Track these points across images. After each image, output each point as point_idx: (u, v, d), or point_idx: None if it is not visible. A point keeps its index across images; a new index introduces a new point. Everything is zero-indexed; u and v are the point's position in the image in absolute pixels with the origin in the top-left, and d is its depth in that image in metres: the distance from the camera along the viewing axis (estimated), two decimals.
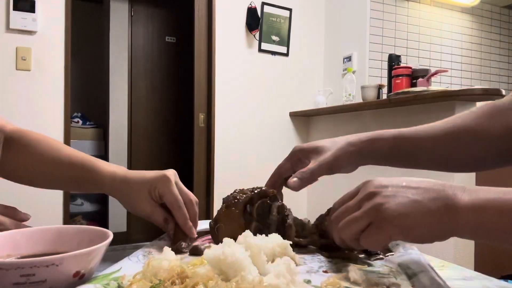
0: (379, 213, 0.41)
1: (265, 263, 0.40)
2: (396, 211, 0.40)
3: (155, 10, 3.64)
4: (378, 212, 0.41)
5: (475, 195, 0.39)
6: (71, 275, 0.36)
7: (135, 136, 3.54)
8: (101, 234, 0.43)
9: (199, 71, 2.70)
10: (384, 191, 0.42)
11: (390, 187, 0.42)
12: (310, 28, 2.98)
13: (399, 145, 0.59)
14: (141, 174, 0.56)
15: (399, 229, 0.40)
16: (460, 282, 0.44)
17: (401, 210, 0.40)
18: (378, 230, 0.41)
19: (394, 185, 0.42)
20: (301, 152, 0.60)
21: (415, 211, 0.40)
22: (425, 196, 0.41)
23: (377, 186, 0.43)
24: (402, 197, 0.41)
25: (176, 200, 0.54)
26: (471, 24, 3.12)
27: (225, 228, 0.52)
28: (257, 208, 0.53)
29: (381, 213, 0.41)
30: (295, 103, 2.89)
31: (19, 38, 2.12)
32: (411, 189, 0.41)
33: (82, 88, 3.78)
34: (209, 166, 2.69)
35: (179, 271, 0.35)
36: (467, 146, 0.58)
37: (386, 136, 0.59)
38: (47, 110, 2.19)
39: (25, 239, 0.42)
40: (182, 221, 0.54)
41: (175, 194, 0.55)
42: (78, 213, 3.39)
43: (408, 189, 0.42)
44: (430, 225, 0.40)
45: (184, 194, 0.56)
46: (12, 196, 2.08)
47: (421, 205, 0.40)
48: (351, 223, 0.43)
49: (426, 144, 0.59)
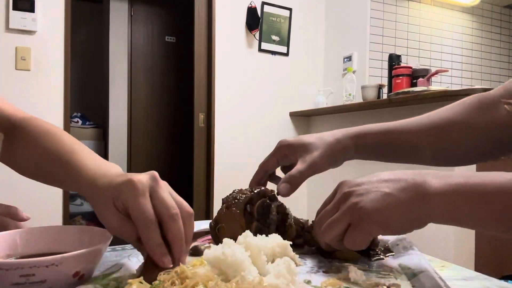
0: (355, 212, 0.42)
1: (265, 263, 0.40)
2: (371, 208, 0.41)
3: (155, 10, 3.64)
4: (354, 211, 0.42)
5: (445, 181, 0.40)
6: (71, 275, 0.36)
7: (135, 136, 3.54)
8: (101, 234, 0.43)
9: (199, 71, 2.70)
10: (358, 189, 0.43)
11: (363, 184, 0.43)
12: (310, 28, 2.98)
13: (386, 140, 0.59)
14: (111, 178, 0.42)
15: (377, 225, 0.41)
16: (460, 282, 0.44)
17: (375, 206, 0.41)
18: (358, 230, 0.42)
19: (366, 182, 0.43)
20: (288, 149, 0.58)
21: (388, 205, 0.41)
22: (396, 187, 0.41)
23: (351, 185, 0.44)
24: (374, 193, 0.42)
25: (141, 216, 0.38)
26: (471, 24, 3.12)
27: (226, 229, 0.52)
28: (257, 207, 0.53)
29: (357, 213, 0.41)
30: (295, 103, 2.89)
31: (19, 38, 2.12)
32: (383, 183, 0.42)
33: (82, 88, 3.78)
34: (209, 166, 2.69)
35: (179, 271, 0.35)
36: (455, 140, 0.58)
37: (374, 131, 0.59)
38: (46, 110, 2.19)
39: (25, 239, 0.42)
40: (149, 247, 0.38)
41: (141, 208, 0.38)
42: (78, 213, 3.39)
43: (380, 183, 0.42)
44: (405, 215, 0.41)
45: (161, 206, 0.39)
46: (12, 196, 2.08)
47: (393, 197, 0.41)
48: (332, 226, 0.44)
49: (413, 138, 0.59)
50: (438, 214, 0.40)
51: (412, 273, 0.43)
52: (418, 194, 0.40)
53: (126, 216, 0.39)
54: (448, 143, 0.58)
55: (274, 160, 0.60)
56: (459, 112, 0.58)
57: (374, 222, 0.41)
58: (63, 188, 0.55)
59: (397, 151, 0.60)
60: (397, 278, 0.43)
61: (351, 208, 0.42)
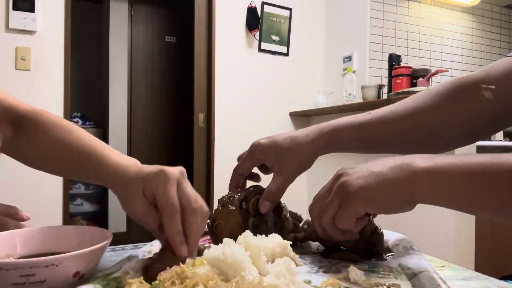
0: (344, 190, 0.43)
1: (265, 263, 0.40)
2: (357, 184, 0.42)
3: (155, 10, 3.64)
4: (343, 189, 0.43)
5: (431, 160, 0.41)
6: (70, 275, 0.36)
7: (135, 136, 3.54)
8: (101, 234, 0.43)
9: (199, 71, 2.70)
10: (348, 170, 0.45)
11: (355, 167, 0.44)
12: (310, 28, 2.98)
13: (362, 134, 0.58)
14: (140, 168, 0.46)
15: (363, 201, 0.42)
16: (460, 282, 0.44)
17: (361, 183, 0.42)
18: (346, 208, 0.43)
19: (359, 166, 0.44)
20: (261, 154, 0.58)
21: (374, 182, 0.42)
22: (384, 166, 0.42)
23: (344, 168, 0.46)
24: (362, 171, 0.43)
25: (167, 204, 0.41)
26: (471, 24, 3.12)
27: (223, 226, 0.52)
28: (252, 204, 0.53)
29: (345, 190, 0.43)
30: (295, 103, 2.89)
31: (19, 38, 2.12)
32: (373, 164, 0.44)
33: (82, 88, 3.78)
34: (209, 166, 2.69)
35: (179, 271, 0.35)
36: (431, 129, 0.57)
37: (349, 125, 0.58)
38: (46, 109, 2.19)
39: (25, 239, 0.42)
40: (171, 234, 0.40)
41: (170, 196, 0.41)
42: (78, 213, 3.39)
43: (370, 165, 0.44)
44: (391, 193, 0.41)
45: (186, 199, 0.43)
46: (12, 196, 2.08)
47: (380, 175, 0.42)
48: (325, 209, 0.45)
49: (391, 131, 0.58)
50: (424, 191, 0.40)
51: (412, 273, 0.43)
52: (404, 172, 0.41)
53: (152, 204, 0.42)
54: (425, 133, 0.58)
55: (248, 164, 0.59)
56: (434, 100, 0.57)
57: (360, 198, 0.42)
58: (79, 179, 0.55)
59: (373, 143, 0.59)
60: (397, 278, 0.43)
61: (340, 187, 0.43)
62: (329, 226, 0.45)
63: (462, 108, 0.56)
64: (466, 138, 0.60)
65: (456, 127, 0.57)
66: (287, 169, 0.56)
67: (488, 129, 0.58)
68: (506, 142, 2.24)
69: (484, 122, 0.56)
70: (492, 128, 0.59)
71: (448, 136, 0.58)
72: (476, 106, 0.55)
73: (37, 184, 2.16)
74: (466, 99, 0.56)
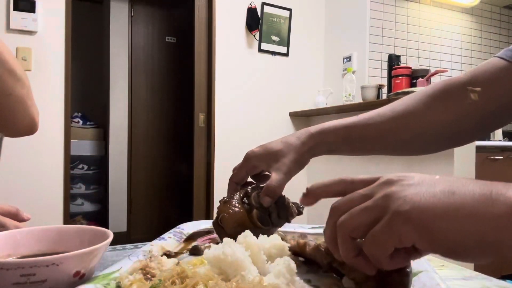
0: (389, 203, 0.30)
1: (265, 263, 0.40)
2: (411, 201, 0.29)
3: (155, 10, 3.64)
4: (388, 201, 0.30)
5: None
6: (71, 275, 0.36)
7: (135, 136, 3.54)
8: (101, 234, 0.43)
9: (199, 71, 2.70)
10: (407, 179, 0.31)
11: (415, 176, 0.32)
12: (310, 28, 2.98)
13: (347, 135, 0.59)
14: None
15: (413, 227, 0.28)
16: (460, 282, 0.44)
17: (418, 201, 0.29)
18: (384, 228, 0.29)
19: (421, 175, 0.32)
20: (256, 160, 0.58)
21: (440, 205, 0.28)
22: (460, 187, 0.29)
23: (400, 175, 0.32)
24: (423, 185, 0.30)
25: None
26: (470, 24, 3.12)
27: (228, 218, 0.52)
28: (254, 197, 0.54)
29: (391, 204, 0.30)
30: (295, 103, 2.89)
31: (20, 38, 2.12)
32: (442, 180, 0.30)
33: (82, 88, 3.78)
34: (209, 166, 2.69)
35: (179, 271, 0.35)
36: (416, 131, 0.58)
37: (336, 127, 0.59)
38: (47, 110, 2.19)
39: (25, 239, 0.42)
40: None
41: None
42: (78, 213, 3.39)
43: (438, 180, 0.30)
44: (463, 230, 0.27)
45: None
46: (13, 196, 2.09)
47: (451, 197, 0.28)
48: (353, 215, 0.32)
49: (376, 133, 0.59)
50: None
51: (412, 272, 0.43)
52: (496, 205, 0.27)
53: None
54: (410, 135, 0.58)
55: (243, 172, 0.59)
56: (422, 101, 0.57)
57: (410, 222, 0.28)
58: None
59: (358, 144, 0.60)
60: None
61: (386, 198, 0.30)
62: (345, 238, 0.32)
63: (448, 110, 0.55)
64: (451, 141, 0.60)
65: (441, 129, 0.57)
66: (283, 166, 0.56)
67: (474, 131, 0.58)
68: (505, 142, 2.25)
69: (469, 125, 0.56)
70: (478, 130, 0.58)
71: (433, 138, 0.58)
72: (462, 108, 0.54)
73: (37, 184, 2.16)
74: (453, 101, 0.55)
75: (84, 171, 3.49)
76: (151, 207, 3.55)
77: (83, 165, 3.48)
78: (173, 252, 0.49)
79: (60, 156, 2.24)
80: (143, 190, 3.53)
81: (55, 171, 2.22)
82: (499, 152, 2.08)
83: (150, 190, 3.56)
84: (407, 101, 0.59)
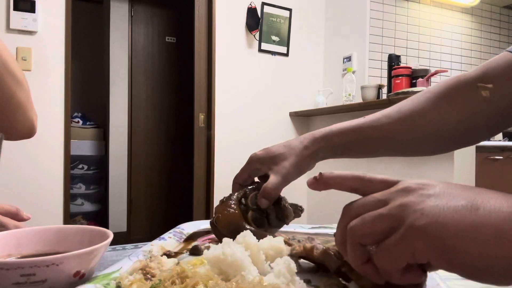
0: (405, 214, 0.27)
1: (264, 263, 0.40)
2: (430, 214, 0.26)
3: (155, 10, 3.64)
4: (404, 213, 0.27)
5: None
6: (71, 274, 0.36)
7: (135, 136, 3.54)
8: (101, 234, 0.43)
9: (199, 71, 2.70)
10: (427, 188, 0.28)
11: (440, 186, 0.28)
12: (310, 28, 2.98)
13: (353, 137, 0.58)
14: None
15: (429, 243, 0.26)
16: (460, 282, 0.44)
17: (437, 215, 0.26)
18: (398, 241, 0.27)
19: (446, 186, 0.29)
20: (258, 163, 0.58)
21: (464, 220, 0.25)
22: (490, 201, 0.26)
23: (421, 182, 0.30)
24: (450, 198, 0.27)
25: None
26: (470, 24, 3.12)
27: (222, 218, 0.52)
28: (251, 198, 0.54)
29: (407, 215, 0.27)
30: (295, 103, 2.89)
31: (20, 38, 2.12)
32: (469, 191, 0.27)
33: (82, 88, 3.78)
34: (209, 166, 2.69)
35: (179, 271, 0.35)
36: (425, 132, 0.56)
37: (341, 130, 0.58)
38: (47, 110, 2.20)
39: (25, 239, 0.42)
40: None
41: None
42: (78, 213, 3.39)
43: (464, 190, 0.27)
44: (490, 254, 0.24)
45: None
46: (13, 196, 2.09)
47: (478, 212, 0.25)
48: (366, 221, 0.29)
49: (383, 134, 0.57)
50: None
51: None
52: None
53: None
54: (418, 135, 0.56)
55: (246, 174, 0.60)
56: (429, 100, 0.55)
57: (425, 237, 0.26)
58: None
59: (365, 146, 0.58)
60: None
61: (401, 208, 0.28)
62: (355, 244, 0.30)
63: (458, 108, 0.53)
64: (462, 141, 0.58)
65: (450, 128, 0.55)
66: (281, 169, 0.56)
67: (486, 130, 0.56)
68: (505, 142, 2.25)
69: (481, 123, 0.54)
70: (490, 129, 0.56)
71: (442, 139, 0.57)
72: (472, 106, 0.52)
73: (37, 184, 2.16)
74: (462, 99, 0.53)
75: (84, 171, 3.49)
76: (151, 207, 3.56)
77: (83, 165, 3.48)
78: (173, 252, 0.49)
79: (60, 156, 2.24)
80: (143, 190, 3.53)
81: (55, 171, 2.22)
82: (499, 152, 2.08)
83: (150, 190, 3.56)
84: (414, 100, 0.57)
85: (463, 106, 0.53)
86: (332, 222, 0.72)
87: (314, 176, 0.37)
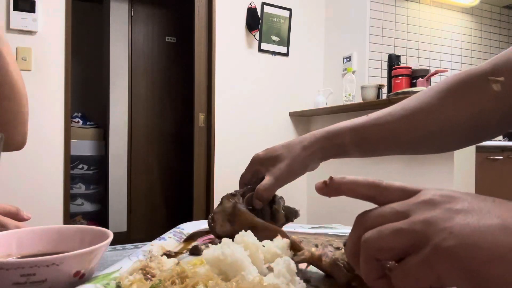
0: (432, 233, 0.24)
1: (262, 263, 0.40)
2: (460, 234, 0.23)
3: (155, 10, 3.64)
4: (431, 231, 0.24)
5: None
6: (71, 274, 0.36)
7: (135, 136, 3.55)
8: (101, 234, 0.43)
9: (199, 71, 2.70)
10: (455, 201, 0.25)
11: (469, 200, 0.25)
12: (310, 28, 2.98)
13: (358, 138, 0.56)
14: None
15: (459, 268, 0.23)
16: None
17: (470, 236, 0.23)
18: (422, 264, 0.24)
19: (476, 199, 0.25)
20: (259, 163, 0.58)
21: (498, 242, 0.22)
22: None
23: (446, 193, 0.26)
24: (481, 215, 0.24)
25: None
26: (470, 24, 3.12)
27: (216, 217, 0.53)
28: (247, 199, 0.54)
29: (434, 235, 0.24)
30: (295, 103, 2.89)
31: (20, 38, 2.12)
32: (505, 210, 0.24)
33: (82, 88, 3.78)
34: (209, 166, 2.69)
35: (179, 271, 0.35)
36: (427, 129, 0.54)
37: (344, 129, 0.56)
38: (47, 110, 2.20)
39: (25, 239, 0.42)
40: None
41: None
42: (78, 213, 3.39)
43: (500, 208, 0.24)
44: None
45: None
46: (13, 195, 2.09)
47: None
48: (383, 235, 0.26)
49: (387, 133, 0.55)
50: None
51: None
52: None
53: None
54: (424, 133, 0.54)
55: (248, 175, 0.60)
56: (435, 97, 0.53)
57: (454, 261, 0.23)
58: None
59: (367, 145, 0.57)
60: None
61: (429, 224, 0.24)
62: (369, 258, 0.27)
63: (466, 104, 0.50)
64: (471, 138, 0.55)
65: (458, 125, 0.52)
66: (276, 171, 0.56)
67: (497, 127, 0.52)
68: (505, 142, 2.25)
69: (491, 119, 0.50)
70: (501, 125, 0.52)
71: (450, 136, 0.54)
72: (482, 102, 0.49)
73: (37, 184, 2.16)
74: (471, 95, 0.50)
75: (84, 171, 3.49)
76: (151, 207, 3.56)
77: (83, 165, 3.48)
78: (173, 252, 0.49)
79: (60, 156, 2.24)
80: (143, 190, 3.53)
81: (55, 171, 2.22)
82: (499, 152, 2.08)
83: (150, 190, 3.56)
84: (420, 97, 0.55)
85: (472, 101, 0.50)
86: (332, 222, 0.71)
87: (323, 181, 0.32)
